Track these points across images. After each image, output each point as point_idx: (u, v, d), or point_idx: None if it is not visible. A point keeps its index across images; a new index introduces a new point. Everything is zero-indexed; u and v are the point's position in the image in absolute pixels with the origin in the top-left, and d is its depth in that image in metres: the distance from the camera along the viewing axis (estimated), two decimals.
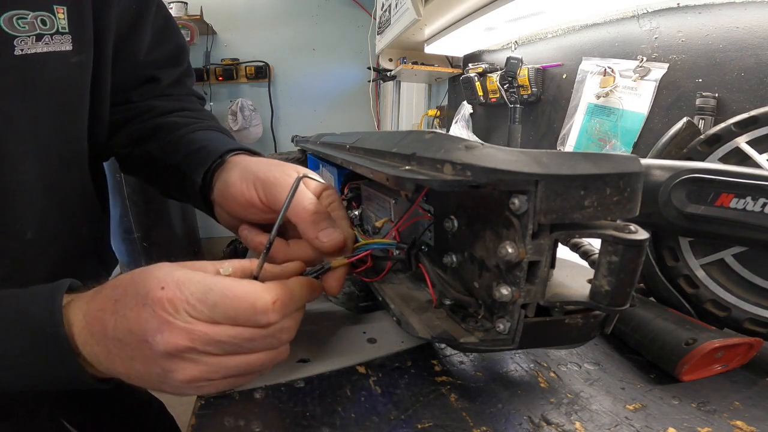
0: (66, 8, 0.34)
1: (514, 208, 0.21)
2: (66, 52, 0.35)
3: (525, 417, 0.28)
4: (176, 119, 0.48)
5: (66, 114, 0.39)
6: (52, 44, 0.34)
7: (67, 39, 0.35)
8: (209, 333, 0.25)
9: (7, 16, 0.31)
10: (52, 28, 0.34)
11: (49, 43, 0.34)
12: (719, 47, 0.73)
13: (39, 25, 0.33)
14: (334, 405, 0.29)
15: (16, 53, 0.32)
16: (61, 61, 0.35)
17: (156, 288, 0.25)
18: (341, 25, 2.83)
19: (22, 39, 0.32)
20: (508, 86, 1.21)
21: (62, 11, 0.34)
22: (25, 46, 0.32)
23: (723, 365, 0.33)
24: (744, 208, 0.33)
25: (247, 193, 0.36)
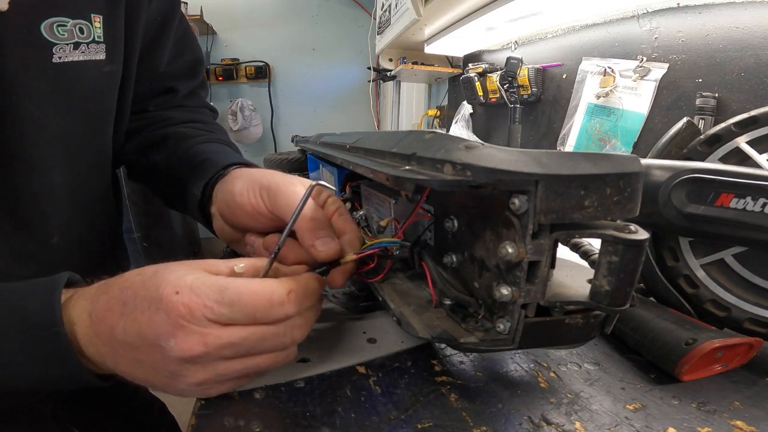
0: (102, 17, 0.35)
1: (514, 208, 0.21)
2: (100, 61, 0.36)
3: (525, 417, 0.28)
4: (185, 130, 0.48)
5: (95, 122, 0.39)
6: (88, 53, 0.35)
7: (101, 48, 0.36)
8: (224, 337, 0.24)
9: (48, 23, 0.31)
10: (88, 36, 0.34)
11: (86, 51, 0.34)
12: (719, 47, 0.73)
13: (77, 33, 0.33)
14: (334, 405, 0.29)
15: (54, 60, 0.32)
16: (95, 70, 0.36)
17: (170, 293, 0.24)
18: (341, 25, 2.83)
19: (60, 47, 0.32)
20: (508, 86, 1.21)
21: (98, 20, 0.35)
22: (63, 54, 0.33)
23: (723, 365, 0.33)
24: (744, 208, 0.33)
25: (254, 201, 0.36)
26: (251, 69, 2.78)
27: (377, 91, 2.81)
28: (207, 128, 0.51)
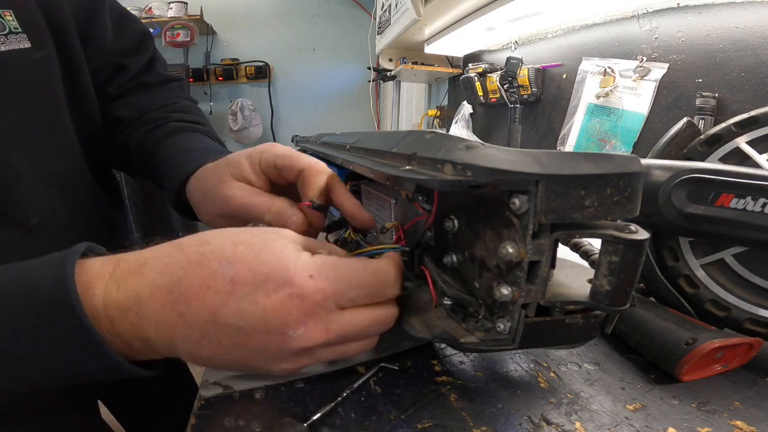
0: (12, 11, 0.36)
1: (514, 208, 0.21)
2: (26, 50, 0.37)
3: (525, 417, 0.28)
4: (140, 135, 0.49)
5: (42, 106, 0.40)
6: (8, 43, 0.36)
7: (23, 37, 0.37)
8: (344, 324, 0.23)
9: None
10: (3, 29, 0.36)
11: (5, 42, 0.36)
12: (719, 47, 0.73)
13: None
14: (335, 405, 0.29)
15: None
16: (23, 57, 0.37)
17: (303, 276, 0.22)
18: (341, 25, 2.83)
19: None
20: (508, 86, 1.21)
21: (9, 14, 0.36)
22: None
23: (723, 365, 0.33)
24: (744, 208, 0.33)
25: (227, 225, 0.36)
26: (251, 69, 2.78)
27: (377, 91, 2.81)
28: (162, 114, 0.51)
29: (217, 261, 0.22)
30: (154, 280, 0.22)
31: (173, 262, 0.23)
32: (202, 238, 0.24)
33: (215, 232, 0.24)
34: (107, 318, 0.22)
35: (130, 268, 0.23)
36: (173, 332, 0.22)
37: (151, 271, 0.23)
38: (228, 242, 0.23)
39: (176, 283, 0.22)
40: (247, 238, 0.23)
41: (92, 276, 0.23)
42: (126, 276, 0.23)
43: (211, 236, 0.24)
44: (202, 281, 0.22)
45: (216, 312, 0.22)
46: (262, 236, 0.24)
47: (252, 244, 0.23)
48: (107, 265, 0.23)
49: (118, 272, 0.23)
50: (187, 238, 0.24)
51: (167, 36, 2.50)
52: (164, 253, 0.24)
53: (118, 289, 0.22)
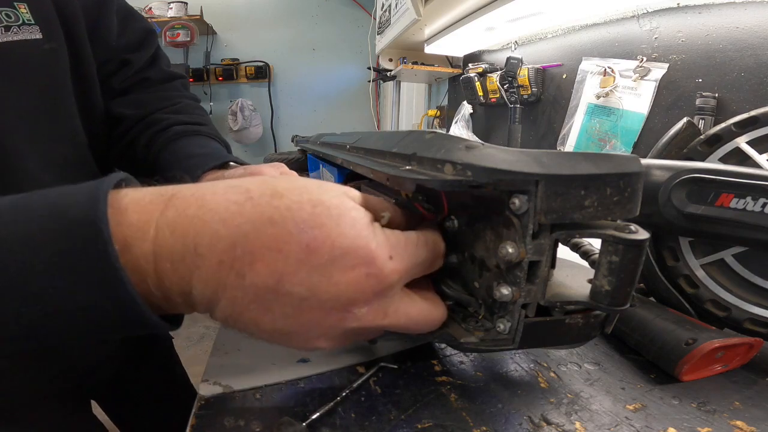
0: (26, 4, 0.38)
1: (514, 208, 0.21)
2: (37, 40, 0.39)
3: (525, 417, 0.28)
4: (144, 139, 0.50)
5: (49, 94, 0.42)
6: (21, 33, 0.38)
7: (35, 29, 0.39)
8: (400, 314, 0.23)
9: None
10: (17, 20, 0.37)
11: (18, 32, 0.37)
12: (719, 47, 0.73)
13: (4, 18, 0.37)
14: (335, 405, 0.29)
15: None
16: (34, 47, 0.39)
17: (384, 256, 0.21)
18: (341, 25, 2.83)
19: None
20: (508, 86, 1.21)
21: (23, 7, 0.38)
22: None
23: (723, 365, 0.33)
24: (744, 208, 0.33)
25: None
26: (251, 69, 2.79)
27: (377, 91, 2.81)
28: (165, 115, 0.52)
29: (293, 222, 0.20)
30: (216, 231, 0.20)
31: (241, 212, 0.20)
32: (273, 187, 0.21)
33: (286, 181, 0.22)
34: (155, 270, 0.20)
35: (187, 208, 0.20)
36: (223, 292, 0.20)
37: (214, 217, 0.20)
38: (305, 199, 0.21)
39: (242, 238, 0.20)
40: (325, 198, 0.21)
41: (141, 209, 0.20)
42: (182, 218, 0.20)
43: (284, 187, 0.21)
44: (273, 243, 0.20)
45: (281, 278, 0.20)
46: (339, 198, 0.22)
47: (330, 208, 0.21)
48: (157, 199, 0.20)
49: (173, 212, 0.20)
50: (254, 182, 0.21)
51: (167, 36, 2.50)
52: (229, 197, 0.21)
53: (173, 234, 0.19)
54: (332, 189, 0.22)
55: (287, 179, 0.22)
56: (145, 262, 0.19)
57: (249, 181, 0.22)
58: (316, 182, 0.22)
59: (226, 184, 0.21)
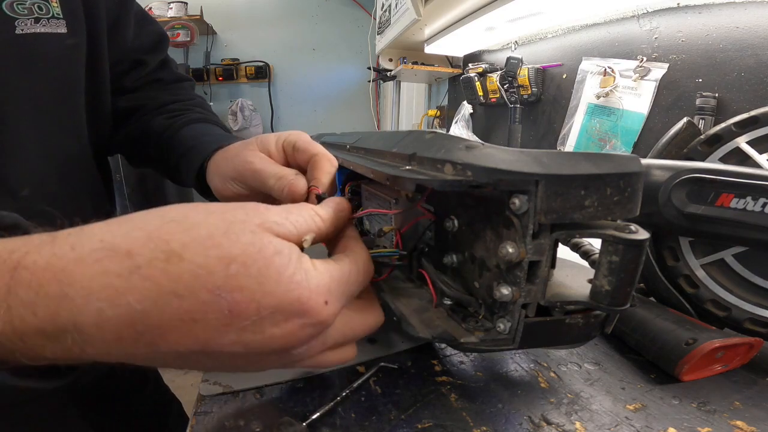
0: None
1: (514, 208, 0.21)
2: (61, 35, 0.40)
3: (525, 417, 0.28)
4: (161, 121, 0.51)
5: (65, 89, 0.43)
6: (49, 26, 0.39)
7: (62, 23, 0.40)
8: (338, 335, 0.23)
9: (8, 2, 0.36)
10: (47, 13, 0.38)
11: (46, 25, 0.38)
12: (719, 47, 0.73)
13: (36, 10, 0.37)
14: (335, 405, 0.29)
15: (17, 32, 0.36)
16: (57, 41, 0.40)
17: (319, 304, 0.19)
18: (341, 25, 2.83)
19: (21, 20, 0.37)
20: (508, 86, 1.21)
21: (55, 1, 0.39)
22: (25, 27, 0.37)
23: (723, 365, 0.33)
24: (744, 208, 0.33)
25: (234, 191, 0.39)
26: (251, 69, 2.79)
27: (377, 91, 2.81)
28: (183, 106, 0.54)
29: (205, 291, 0.17)
30: (100, 311, 0.16)
31: (129, 288, 0.16)
32: (164, 246, 0.17)
33: (179, 229, 0.18)
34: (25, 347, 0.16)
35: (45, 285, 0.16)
36: (135, 358, 0.18)
37: (90, 298, 0.16)
38: (212, 259, 0.17)
39: (140, 315, 0.16)
40: (237, 250, 0.18)
41: None
42: (43, 299, 0.16)
43: (179, 242, 0.17)
44: (184, 315, 0.17)
45: (206, 343, 0.18)
46: (255, 243, 0.18)
47: (247, 264, 0.17)
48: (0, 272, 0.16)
49: (25, 291, 0.16)
50: (136, 238, 0.17)
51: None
52: (105, 267, 0.16)
53: (35, 315, 0.16)
54: (244, 228, 0.19)
55: (178, 223, 0.18)
56: (6, 340, 0.16)
57: (129, 238, 0.17)
58: (221, 220, 0.19)
59: (94, 246, 0.17)
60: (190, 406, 0.30)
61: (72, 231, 0.18)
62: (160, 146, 0.50)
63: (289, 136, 0.39)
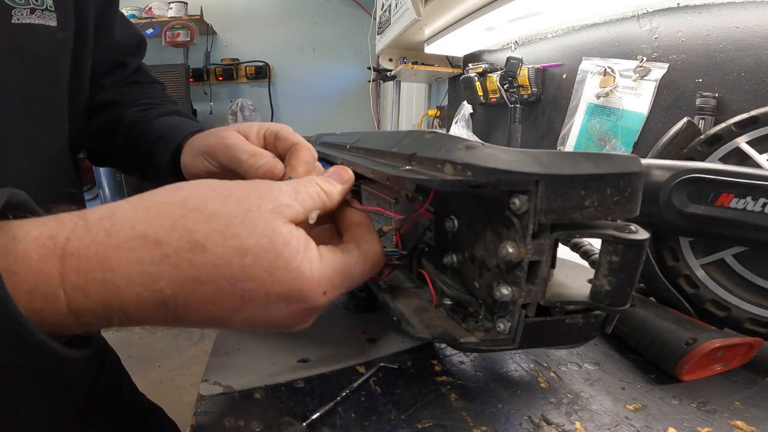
0: None
1: (514, 208, 0.21)
2: (52, 27, 0.39)
3: (525, 417, 0.28)
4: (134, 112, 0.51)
5: (51, 84, 0.42)
6: (42, 18, 0.38)
7: (53, 16, 0.39)
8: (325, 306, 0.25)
9: None
10: (42, 4, 0.38)
11: (41, 16, 0.38)
12: (719, 47, 0.73)
13: (32, 0, 0.37)
14: (335, 405, 0.29)
15: (14, 21, 0.36)
16: (49, 34, 0.39)
17: (317, 294, 0.22)
18: (341, 25, 2.83)
19: (18, 10, 0.36)
20: (508, 86, 1.21)
21: None
22: (21, 16, 0.37)
23: (723, 365, 0.33)
24: (744, 208, 0.33)
25: (203, 166, 0.39)
26: (251, 69, 2.79)
27: (377, 91, 2.81)
28: (158, 102, 0.54)
29: (223, 278, 0.19)
30: (138, 294, 0.19)
31: (160, 275, 0.19)
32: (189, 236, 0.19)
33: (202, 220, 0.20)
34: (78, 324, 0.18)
35: (91, 270, 0.18)
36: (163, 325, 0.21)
37: (129, 283, 0.18)
38: (230, 250, 0.19)
39: (170, 299, 0.19)
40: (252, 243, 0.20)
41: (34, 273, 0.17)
42: (91, 283, 0.18)
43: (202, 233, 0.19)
44: (205, 298, 0.20)
45: (220, 321, 0.21)
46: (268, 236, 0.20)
47: (260, 256, 0.20)
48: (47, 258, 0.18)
49: (75, 277, 0.18)
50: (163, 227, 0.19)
51: (167, 36, 2.50)
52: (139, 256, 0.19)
53: (87, 297, 0.18)
54: (258, 217, 0.21)
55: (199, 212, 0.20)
56: (64, 318, 0.18)
57: (156, 226, 0.19)
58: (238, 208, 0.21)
59: (128, 234, 0.19)
60: (190, 406, 0.30)
61: (102, 214, 0.19)
62: (130, 136, 0.50)
63: (272, 126, 0.40)
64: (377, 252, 0.26)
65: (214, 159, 0.38)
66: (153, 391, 0.64)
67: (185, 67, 2.60)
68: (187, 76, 2.55)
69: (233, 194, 0.21)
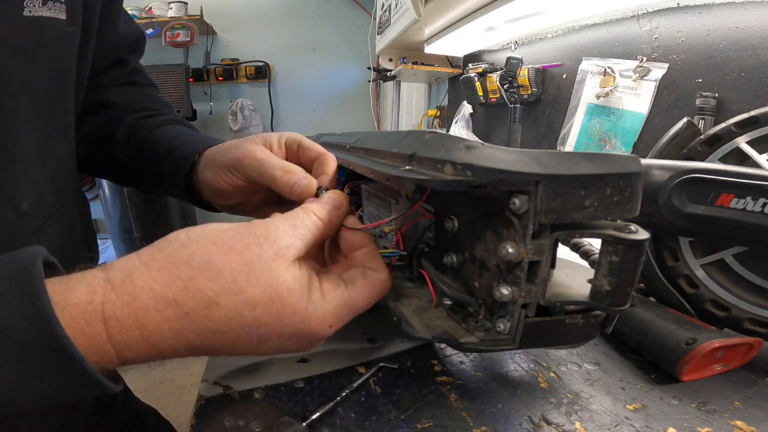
0: None
1: (514, 208, 0.21)
2: (62, 21, 0.37)
3: (525, 417, 0.28)
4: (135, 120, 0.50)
5: (59, 82, 0.40)
6: (54, 10, 0.36)
7: (62, 8, 0.37)
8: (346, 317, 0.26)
9: None
10: None
11: (52, 8, 0.36)
12: (719, 47, 0.73)
13: None
14: (335, 405, 0.29)
15: (25, 14, 0.34)
16: (58, 28, 0.38)
17: (324, 328, 0.24)
18: (341, 25, 2.83)
19: (30, 1, 0.34)
20: (508, 86, 1.21)
21: None
22: (33, 8, 0.34)
23: (723, 365, 0.33)
24: (744, 208, 0.33)
25: (230, 181, 0.39)
26: (251, 69, 2.78)
27: (377, 91, 2.81)
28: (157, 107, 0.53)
29: (239, 327, 0.22)
30: (171, 345, 0.22)
31: (184, 329, 0.22)
32: (203, 296, 0.22)
33: (211, 277, 0.22)
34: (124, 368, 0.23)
35: (130, 330, 0.21)
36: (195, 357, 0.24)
37: (163, 337, 0.22)
38: (241, 304, 0.22)
39: (198, 345, 0.23)
40: (259, 294, 0.22)
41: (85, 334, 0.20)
42: (132, 341, 0.21)
43: (214, 291, 0.22)
44: (227, 343, 0.23)
45: (244, 353, 0.24)
46: (273, 286, 0.23)
47: (269, 305, 0.22)
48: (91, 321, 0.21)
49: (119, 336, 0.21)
50: (178, 289, 0.22)
51: (167, 36, 2.50)
52: (165, 315, 0.21)
53: (131, 350, 0.22)
54: (262, 267, 0.23)
55: (205, 271, 0.22)
56: (114, 366, 0.22)
57: (171, 288, 0.22)
58: (241, 262, 0.23)
59: (149, 296, 0.21)
60: (190, 406, 0.30)
61: (123, 276, 0.22)
62: (128, 146, 0.48)
63: (291, 135, 0.39)
64: (383, 279, 0.27)
65: (242, 173, 0.38)
66: (153, 391, 0.63)
67: (185, 67, 2.59)
68: (187, 76, 2.55)
69: (233, 247, 0.23)
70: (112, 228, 2.31)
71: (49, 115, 0.39)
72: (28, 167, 0.37)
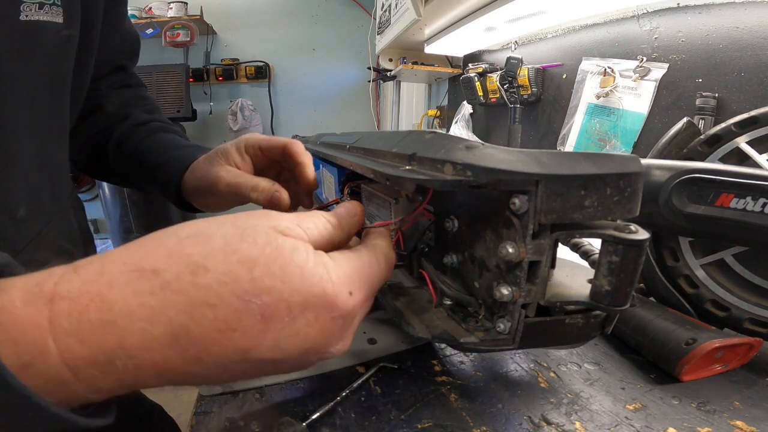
0: None
1: (514, 208, 0.21)
2: (59, 24, 0.37)
3: (525, 417, 0.28)
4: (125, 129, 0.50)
5: (56, 87, 0.40)
6: (50, 14, 0.36)
7: (59, 11, 0.37)
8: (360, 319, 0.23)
9: None
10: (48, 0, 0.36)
11: (48, 11, 0.36)
12: (719, 47, 0.73)
13: None
14: (335, 405, 0.29)
15: (22, 18, 0.34)
16: (55, 31, 0.37)
17: (344, 296, 0.20)
18: (341, 25, 2.83)
19: (27, 5, 0.34)
20: (508, 86, 1.21)
21: None
22: (30, 12, 0.34)
23: (723, 365, 0.33)
24: (744, 208, 0.33)
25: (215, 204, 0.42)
26: (251, 69, 2.78)
27: (377, 91, 2.81)
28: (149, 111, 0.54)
29: (235, 296, 0.17)
30: (143, 330, 0.16)
31: (164, 304, 0.17)
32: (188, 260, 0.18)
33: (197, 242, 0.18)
34: (78, 379, 0.16)
35: (84, 312, 0.16)
36: (185, 376, 0.18)
37: (131, 318, 0.16)
38: (234, 264, 0.18)
39: (181, 331, 0.17)
40: (256, 253, 0.18)
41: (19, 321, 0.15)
42: (86, 325, 0.16)
43: (200, 254, 0.18)
44: (221, 325, 0.17)
45: (247, 352, 0.18)
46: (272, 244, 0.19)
47: (269, 263, 0.18)
48: (33, 303, 0.16)
49: (66, 321, 0.16)
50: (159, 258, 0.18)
51: (167, 36, 2.50)
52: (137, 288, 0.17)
53: (82, 343, 0.16)
54: (257, 231, 0.19)
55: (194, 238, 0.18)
56: (58, 373, 0.16)
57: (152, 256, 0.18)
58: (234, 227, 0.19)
59: (120, 269, 0.17)
60: (190, 406, 0.30)
61: (92, 258, 0.18)
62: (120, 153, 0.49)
63: (249, 140, 0.40)
64: (386, 248, 0.25)
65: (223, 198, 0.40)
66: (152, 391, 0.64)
67: (185, 67, 2.59)
68: (187, 76, 2.55)
69: (227, 221, 0.20)
70: (112, 228, 2.31)
71: (46, 120, 0.39)
72: (25, 173, 0.37)
